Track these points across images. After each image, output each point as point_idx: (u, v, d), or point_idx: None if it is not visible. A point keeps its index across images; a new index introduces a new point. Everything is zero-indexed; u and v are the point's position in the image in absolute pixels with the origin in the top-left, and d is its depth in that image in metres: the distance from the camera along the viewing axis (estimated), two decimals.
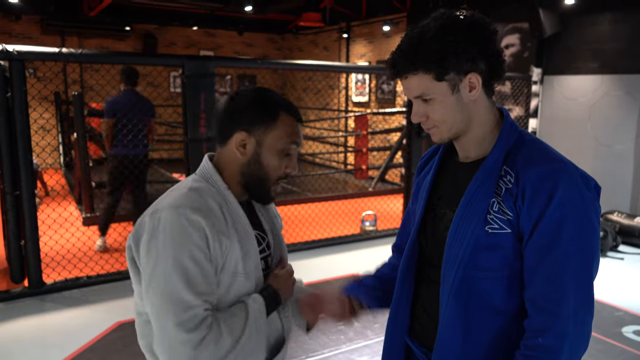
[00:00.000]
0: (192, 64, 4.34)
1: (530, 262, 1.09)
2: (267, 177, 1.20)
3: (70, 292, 4.03)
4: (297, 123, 1.22)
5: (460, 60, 1.09)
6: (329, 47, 10.70)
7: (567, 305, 1.05)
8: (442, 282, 1.16)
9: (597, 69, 6.04)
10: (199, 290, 1.06)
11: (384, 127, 8.90)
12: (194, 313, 1.05)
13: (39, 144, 4.48)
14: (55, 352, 3.12)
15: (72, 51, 3.90)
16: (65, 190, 7.44)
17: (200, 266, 1.07)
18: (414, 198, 1.36)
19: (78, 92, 5.98)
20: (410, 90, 1.14)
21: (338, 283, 1.44)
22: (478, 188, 1.13)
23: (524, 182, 1.08)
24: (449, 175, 1.25)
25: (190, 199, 1.12)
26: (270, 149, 1.19)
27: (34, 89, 5.86)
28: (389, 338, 1.33)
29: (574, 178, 1.07)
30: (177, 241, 1.07)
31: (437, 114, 1.14)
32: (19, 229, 3.86)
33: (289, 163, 1.22)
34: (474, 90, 1.12)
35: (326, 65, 5.99)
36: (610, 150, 5.98)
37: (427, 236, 1.25)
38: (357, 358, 3.10)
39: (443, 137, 1.17)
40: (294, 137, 1.21)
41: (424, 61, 1.09)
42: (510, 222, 1.09)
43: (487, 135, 1.17)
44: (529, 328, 1.09)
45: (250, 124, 1.18)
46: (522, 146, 1.14)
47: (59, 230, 4.70)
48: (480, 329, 1.14)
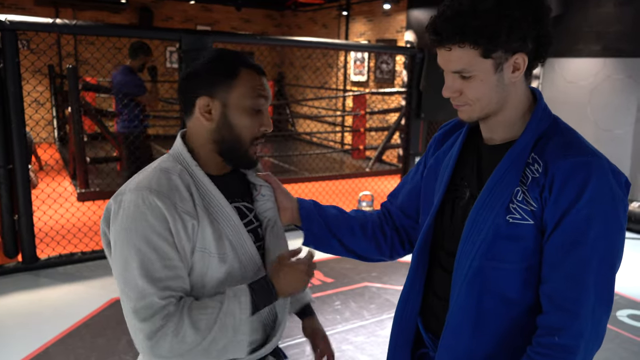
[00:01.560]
0: (189, 38, 4.25)
1: (551, 257, 1.04)
2: (241, 139, 1.12)
3: (65, 268, 4.00)
4: (261, 76, 1.14)
5: (512, 39, 1.00)
6: (328, 24, 10.55)
7: (586, 305, 1.01)
8: (456, 270, 1.12)
9: (599, 52, 5.97)
10: (155, 277, 1.01)
11: (383, 107, 8.83)
12: (147, 302, 1.00)
13: (33, 117, 4.41)
14: (49, 327, 3.11)
15: (66, 22, 3.80)
16: (60, 165, 7.37)
17: (158, 251, 1.01)
18: (430, 172, 1.27)
19: (72, 66, 5.86)
20: (449, 63, 1.05)
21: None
22: (503, 174, 1.07)
23: (553, 173, 1.02)
24: (471, 157, 1.18)
25: (154, 180, 1.06)
26: (238, 108, 1.11)
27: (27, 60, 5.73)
28: (398, 320, 1.29)
29: (606, 173, 1.02)
30: (134, 225, 1.02)
31: (473, 92, 1.05)
32: (12, 204, 3.81)
33: (262, 120, 1.14)
34: (517, 71, 1.05)
35: (325, 43, 5.89)
36: (609, 134, 5.96)
37: (444, 220, 1.20)
38: (353, 338, 3.10)
39: (473, 116, 1.09)
40: (260, 90, 1.12)
41: (474, 34, 0.99)
42: (533, 214, 1.04)
43: (517, 119, 1.10)
44: (544, 324, 1.04)
45: (211, 86, 1.11)
46: (554, 134, 1.08)
47: (53, 205, 4.65)
48: (491, 319, 1.10)
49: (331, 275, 4.03)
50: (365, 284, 3.89)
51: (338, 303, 3.56)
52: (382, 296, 3.69)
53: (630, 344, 3.16)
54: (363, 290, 3.79)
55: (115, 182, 6.11)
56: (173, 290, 1.02)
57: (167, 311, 1.00)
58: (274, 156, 8.60)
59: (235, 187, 1.20)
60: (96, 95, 8.63)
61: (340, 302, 3.58)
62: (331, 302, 3.57)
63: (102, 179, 6.33)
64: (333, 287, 3.82)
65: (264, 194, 1.24)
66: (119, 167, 6.92)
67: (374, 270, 4.15)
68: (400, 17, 8.74)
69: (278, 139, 10.34)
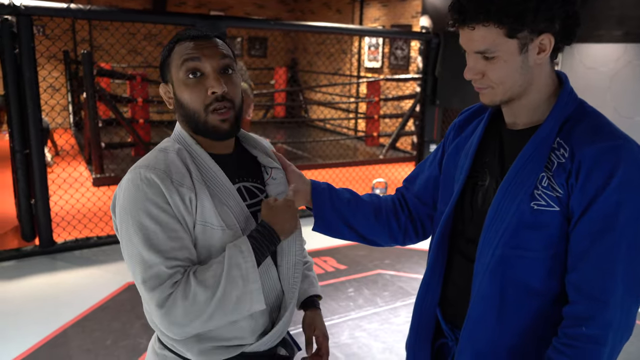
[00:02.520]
0: (203, 23, 4.23)
1: (578, 245, 1.00)
2: (193, 112, 1.08)
3: (81, 252, 4.05)
4: (193, 41, 1.08)
5: (539, 18, 0.96)
6: (342, 10, 10.44)
7: (615, 294, 0.97)
8: (478, 259, 1.09)
9: (621, 37, 5.83)
10: (160, 249, 1.00)
11: (397, 94, 8.75)
12: (154, 272, 1.00)
13: (48, 102, 4.43)
14: (66, 309, 3.15)
15: (80, 7, 3.80)
16: (75, 150, 7.44)
17: (159, 223, 1.02)
18: (450, 160, 1.23)
19: (87, 51, 5.88)
20: (472, 43, 1.01)
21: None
22: (527, 160, 1.03)
23: (580, 158, 0.98)
24: (493, 143, 1.14)
25: (151, 158, 1.08)
26: (177, 83, 1.09)
27: (42, 46, 5.77)
28: (418, 310, 1.26)
29: (636, 158, 0.97)
30: (132, 201, 1.03)
31: (497, 73, 1.01)
32: (29, 188, 3.85)
33: (207, 83, 1.07)
34: (542, 53, 1.01)
35: (339, 28, 5.82)
36: (630, 121, 5.84)
37: (464, 207, 1.17)
38: (367, 325, 3.10)
39: (495, 99, 1.06)
40: (187, 55, 1.07)
41: (499, 12, 0.95)
42: (559, 200, 1.00)
43: (542, 103, 1.06)
44: (570, 315, 1.01)
45: (162, 73, 1.13)
46: (581, 118, 1.04)
47: (69, 190, 4.70)
48: (515, 310, 1.07)
49: (344, 262, 4.03)
50: (379, 271, 3.88)
51: (351, 290, 3.56)
52: (396, 284, 3.68)
53: None
54: (376, 277, 3.79)
55: (129, 167, 6.15)
56: (179, 260, 1.02)
57: (175, 279, 1.00)
58: (287, 143, 8.59)
59: (243, 167, 1.18)
60: (111, 81, 8.67)
61: (353, 289, 3.58)
62: (344, 289, 3.56)
63: (117, 164, 6.37)
64: (346, 274, 3.81)
65: (275, 177, 1.22)
66: (133, 153, 6.97)
67: (388, 257, 4.14)
68: (415, 2, 8.61)
69: (291, 125, 10.32)
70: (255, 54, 11.48)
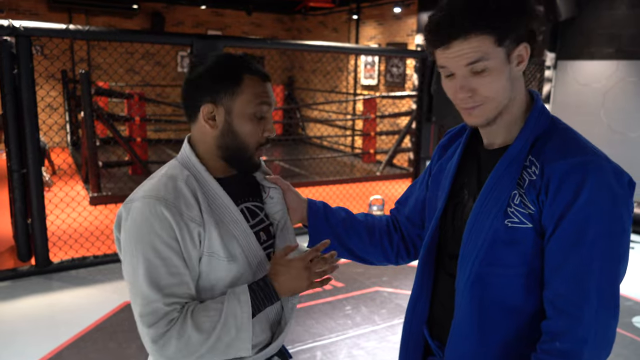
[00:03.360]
0: (201, 43, 4.28)
1: (551, 261, 1.00)
2: (245, 146, 1.13)
3: (77, 272, 4.03)
4: (265, 82, 1.14)
5: (521, 25, 0.97)
6: (339, 28, 10.56)
7: (589, 309, 0.97)
8: (458, 275, 1.10)
9: (613, 55, 5.91)
10: (160, 284, 1.03)
11: (393, 111, 8.80)
12: (152, 308, 1.02)
13: (46, 122, 4.46)
14: (63, 330, 3.13)
15: (79, 28, 3.84)
16: (72, 170, 7.44)
17: (164, 260, 1.03)
18: (434, 180, 1.26)
19: (85, 71, 5.92)
20: (463, 56, 0.98)
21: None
22: (499, 178, 1.04)
23: (549, 175, 0.99)
24: (472, 162, 1.16)
25: (161, 187, 1.08)
26: (241, 115, 1.11)
27: (41, 66, 5.82)
28: (407, 328, 1.28)
29: (604, 173, 0.97)
30: (141, 233, 1.04)
31: (489, 87, 1.00)
32: (26, 207, 3.85)
33: (265, 126, 1.14)
34: (521, 63, 1.01)
35: (335, 47, 5.88)
36: (623, 137, 5.89)
37: (447, 225, 1.19)
38: (364, 343, 3.08)
39: (489, 116, 1.04)
40: (263, 98, 1.12)
41: (490, 18, 0.95)
42: (531, 217, 1.01)
43: (517, 120, 1.07)
44: (546, 330, 1.01)
45: (215, 93, 1.11)
46: (551, 135, 1.04)
47: (66, 209, 4.70)
48: (495, 327, 1.07)
49: (342, 280, 4.02)
50: (376, 289, 3.87)
51: (349, 308, 3.55)
52: (394, 301, 3.67)
53: None
54: (374, 295, 3.78)
55: (127, 186, 6.16)
56: (178, 297, 1.04)
57: (172, 317, 1.03)
58: (285, 160, 8.61)
59: (243, 188, 1.21)
60: (108, 100, 8.71)
61: (351, 307, 3.57)
62: (342, 307, 3.55)
63: (114, 183, 6.37)
64: (344, 292, 3.80)
65: (273, 197, 1.25)
66: (130, 171, 6.98)
67: (385, 274, 4.13)
68: (410, 20, 8.72)
69: (288, 142, 10.36)
70: None
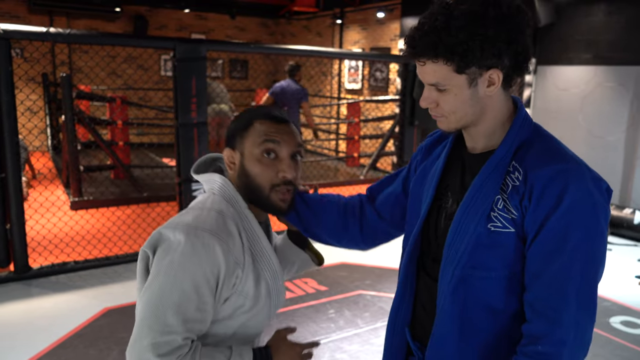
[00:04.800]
0: (183, 47, 4.26)
1: (532, 265, 1.04)
2: (258, 186, 1.16)
3: (57, 277, 3.98)
4: (277, 124, 1.17)
5: (485, 56, 1.00)
6: (322, 33, 10.60)
7: (568, 313, 1.01)
8: (441, 278, 1.12)
9: (591, 60, 6.03)
10: (187, 317, 1.03)
11: (377, 115, 8.86)
12: (171, 338, 1.02)
13: (26, 125, 4.40)
14: (42, 337, 3.09)
15: (60, 31, 3.80)
16: (53, 174, 7.34)
17: (199, 295, 1.04)
18: (418, 182, 1.27)
19: (66, 74, 5.86)
20: (425, 76, 1.07)
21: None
22: (483, 183, 1.07)
23: (532, 181, 1.02)
24: (456, 165, 1.19)
25: (212, 222, 1.09)
26: (250, 156, 1.16)
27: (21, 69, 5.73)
28: (390, 330, 1.29)
29: (585, 181, 1.01)
30: (186, 263, 1.03)
31: (448, 104, 1.06)
32: (5, 212, 3.79)
33: (279, 167, 1.15)
34: (492, 86, 1.05)
35: (319, 51, 5.91)
36: (601, 141, 6.00)
37: (430, 228, 1.20)
38: (348, 346, 3.09)
39: (450, 127, 1.11)
40: (270, 136, 1.15)
41: (446, 51, 1.00)
42: (514, 222, 1.04)
43: (497, 128, 1.11)
44: (527, 333, 1.04)
45: (232, 139, 1.19)
46: (534, 142, 1.08)
47: (46, 214, 4.63)
48: (477, 329, 1.10)
49: (325, 284, 4.03)
50: (360, 292, 3.89)
51: (332, 311, 3.56)
52: (377, 304, 3.69)
53: (622, 350, 3.17)
54: (357, 298, 3.79)
55: (109, 191, 6.10)
56: (194, 332, 1.05)
57: (183, 352, 1.03)
58: None
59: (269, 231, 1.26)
60: (90, 104, 8.62)
61: (334, 310, 3.58)
62: (325, 311, 3.56)
63: (95, 188, 6.30)
64: (327, 295, 3.81)
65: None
66: (112, 176, 6.91)
67: (368, 278, 4.15)
68: (394, 25, 8.79)
69: None
70: (236, 75, 11.55)
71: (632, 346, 3.22)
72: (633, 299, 3.93)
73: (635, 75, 5.65)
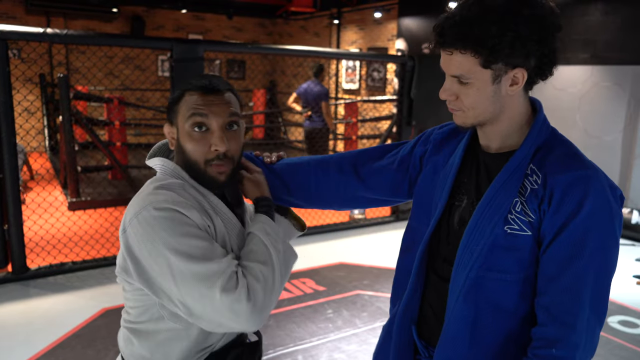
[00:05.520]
0: (181, 47, 4.26)
1: (548, 269, 1.04)
2: (194, 162, 1.12)
3: (55, 278, 3.97)
4: (205, 95, 1.11)
5: (514, 53, 0.99)
6: (320, 33, 10.60)
7: (582, 318, 1.02)
8: (453, 279, 1.11)
9: (587, 60, 6.05)
10: (209, 257, 1.01)
11: (374, 115, 8.87)
12: (223, 274, 0.99)
13: (23, 126, 4.38)
14: (40, 337, 3.08)
15: (57, 32, 3.79)
16: (50, 175, 7.33)
17: (200, 238, 1.03)
18: (428, 178, 1.23)
19: (63, 75, 5.85)
20: (449, 67, 1.04)
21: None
22: (502, 186, 1.06)
23: (552, 186, 1.03)
24: (471, 164, 1.17)
25: (162, 195, 1.06)
26: (182, 131, 1.12)
27: (18, 70, 5.73)
28: (398, 328, 1.27)
29: (604, 188, 1.02)
30: (159, 231, 1.01)
31: (469, 99, 1.05)
32: (2, 213, 3.78)
33: (211, 140, 1.10)
34: (515, 85, 1.04)
35: (317, 51, 5.90)
36: (598, 141, 6.02)
37: (442, 227, 1.19)
38: (346, 346, 3.10)
39: (467, 122, 1.09)
40: (197, 110, 1.10)
41: (476, 43, 0.98)
42: (531, 225, 1.04)
43: (514, 130, 1.10)
44: (540, 337, 1.05)
45: (169, 114, 1.16)
46: (553, 146, 1.08)
47: (44, 215, 4.63)
48: (488, 331, 1.10)
49: (323, 284, 4.03)
50: (358, 292, 3.89)
51: (330, 311, 3.56)
52: (375, 304, 3.69)
53: (620, 349, 3.18)
54: (355, 298, 3.79)
55: (106, 191, 6.09)
56: (221, 256, 1.03)
57: (240, 272, 1.02)
58: None
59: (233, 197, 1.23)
60: (87, 104, 8.61)
61: (332, 310, 3.58)
62: (323, 311, 3.56)
63: (93, 188, 6.29)
64: (325, 296, 3.81)
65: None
66: (110, 176, 6.90)
67: (366, 278, 4.16)
68: (391, 25, 8.80)
69: (270, 147, 10.34)
70: (233, 76, 11.54)
71: (630, 345, 3.23)
72: (631, 299, 3.94)
73: (631, 75, 5.66)
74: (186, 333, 1.10)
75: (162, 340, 1.11)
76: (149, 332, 1.12)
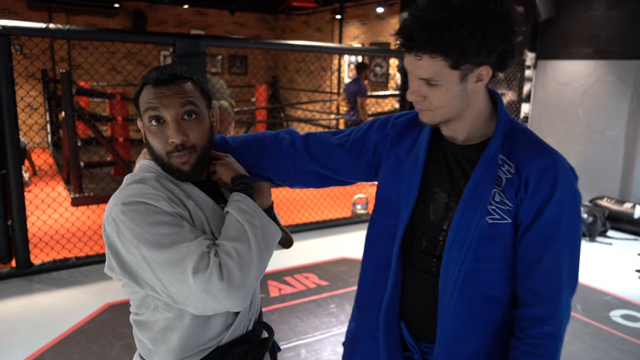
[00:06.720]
0: (183, 42, 4.26)
1: (530, 253, 1.11)
2: (158, 156, 1.12)
3: (59, 273, 3.99)
4: (157, 87, 1.09)
5: (481, 53, 1.02)
6: (322, 28, 10.58)
7: (563, 293, 1.11)
8: (444, 275, 1.13)
9: (591, 54, 6.02)
10: (178, 241, 1.01)
11: (377, 110, 8.85)
12: (193, 256, 0.99)
13: (26, 122, 4.39)
14: (44, 332, 3.10)
15: (59, 27, 3.79)
16: (53, 170, 7.34)
17: (169, 224, 1.02)
18: (391, 171, 1.23)
19: (66, 70, 5.85)
20: (417, 70, 1.05)
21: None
22: (481, 178, 1.10)
23: (527, 174, 1.08)
24: (437, 155, 1.19)
25: (131, 189, 1.07)
26: (145, 126, 1.12)
27: (21, 65, 5.73)
28: (384, 324, 1.26)
29: (567, 172, 1.10)
30: (132, 226, 1.02)
31: (437, 99, 1.07)
32: (6, 209, 3.80)
33: (167, 132, 1.09)
34: (480, 82, 1.07)
35: (319, 46, 5.89)
36: (601, 136, 6.00)
37: (415, 220, 1.19)
38: None
39: (434, 120, 1.12)
40: (149, 103, 1.09)
41: (446, 46, 0.99)
42: (510, 213, 1.10)
43: (479, 122, 1.14)
44: (529, 317, 1.10)
45: (137, 109, 1.14)
46: (516, 135, 1.13)
47: (47, 210, 4.64)
48: (484, 321, 1.14)
49: (326, 279, 4.04)
50: None
51: (333, 306, 3.57)
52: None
53: (623, 343, 3.18)
54: None
55: (109, 187, 6.10)
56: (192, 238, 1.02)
57: (213, 251, 1.01)
58: None
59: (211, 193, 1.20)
60: (90, 100, 8.62)
61: (335, 305, 3.59)
62: (326, 305, 3.57)
63: (96, 184, 6.31)
64: (328, 290, 3.82)
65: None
66: (113, 172, 6.91)
67: None
68: (393, 20, 8.77)
69: None
70: (236, 71, 11.54)
71: (632, 339, 3.24)
72: (633, 293, 3.94)
73: (635, 70, 5.64)
74: (180, 322, 1.10)
75: (159, 331, 1.11)
76: (148, 323, 1.13)
